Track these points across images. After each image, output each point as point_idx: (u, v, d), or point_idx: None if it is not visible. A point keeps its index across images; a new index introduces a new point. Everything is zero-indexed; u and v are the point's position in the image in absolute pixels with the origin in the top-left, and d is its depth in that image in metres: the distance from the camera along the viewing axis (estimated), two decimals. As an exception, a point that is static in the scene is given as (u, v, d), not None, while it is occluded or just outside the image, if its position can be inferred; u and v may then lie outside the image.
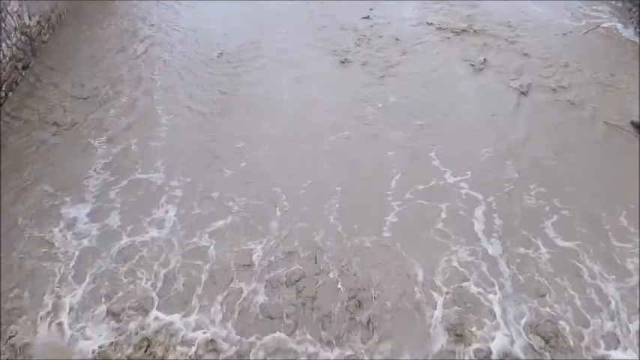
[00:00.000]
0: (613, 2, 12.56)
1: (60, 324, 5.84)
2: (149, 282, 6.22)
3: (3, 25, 8.90)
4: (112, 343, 5.62)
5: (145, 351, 5.54)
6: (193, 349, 5.56)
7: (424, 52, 10.84)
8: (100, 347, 5.62)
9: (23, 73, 9.64)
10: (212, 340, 5.63)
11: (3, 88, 8.86)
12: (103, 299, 6.04)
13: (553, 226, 6.88)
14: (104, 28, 11.52)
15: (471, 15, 12.08)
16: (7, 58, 9.03)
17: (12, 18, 9.26)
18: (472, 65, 10.32)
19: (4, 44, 8.90)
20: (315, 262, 6.43)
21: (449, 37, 11.30)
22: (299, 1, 12.91)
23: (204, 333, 5.72)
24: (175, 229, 6.82)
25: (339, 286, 6.17)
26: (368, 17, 12.10)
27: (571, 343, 5.60)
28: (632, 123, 8.64)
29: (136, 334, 5.71)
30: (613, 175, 7.65)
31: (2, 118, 8.57)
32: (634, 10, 11.85)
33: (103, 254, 6.47)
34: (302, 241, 6.66)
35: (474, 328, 5.72)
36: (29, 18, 9.96)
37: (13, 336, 5.70)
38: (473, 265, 6.40)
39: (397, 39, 11.19)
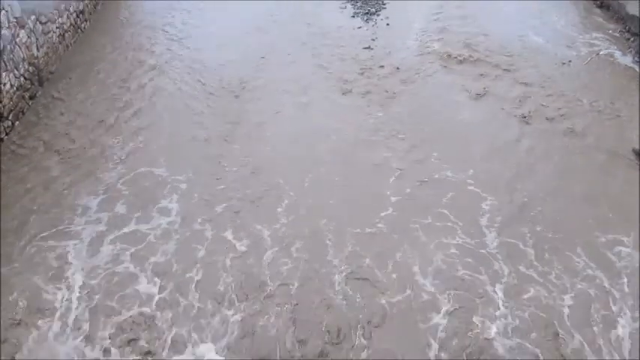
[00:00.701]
0: (610, 31, 12.75)
1: (60, 321, 6.04)
2: (153, 274, 6.69)
3: (12, 56, 9.10)
4: (111, 338, 5.92)
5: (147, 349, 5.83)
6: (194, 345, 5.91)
7: (425, 80, 10.98)
8: (99, 347, 5.79)
9: (30, 103, 9.80)
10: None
11: (10, 118, 9.00)
12: (104, 296, 6.38)
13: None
14: (110, 57, 11.75)
15: (471, 44, 12.26)
16: (15, 88, 9.20)
17: (20, 49, 9.48)
18: (472, 93, 10.43)
19: (12, 75, 9.09)
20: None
21: (449, 66, 11.44)
22: (301, 34, 13.14)
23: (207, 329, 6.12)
24: (180, 216, 7.58)
25: (341, 270, 6.76)
26: (369, 47, 12.31)
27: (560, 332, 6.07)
28: (634, 150, 8.67)
29: (138, 329, 6.03)
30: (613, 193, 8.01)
31: (9, 147, 8.70)
32: (632, 39, 12.03)
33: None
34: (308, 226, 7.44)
35: (473, 318, 6.18)
36: (37, 49, 10.18)
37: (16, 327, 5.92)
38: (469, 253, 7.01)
39: (398, 68, 11.36)
